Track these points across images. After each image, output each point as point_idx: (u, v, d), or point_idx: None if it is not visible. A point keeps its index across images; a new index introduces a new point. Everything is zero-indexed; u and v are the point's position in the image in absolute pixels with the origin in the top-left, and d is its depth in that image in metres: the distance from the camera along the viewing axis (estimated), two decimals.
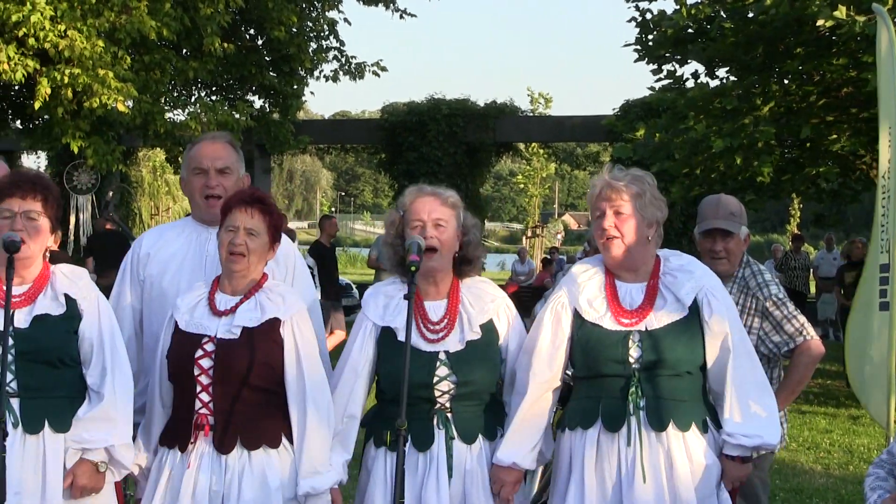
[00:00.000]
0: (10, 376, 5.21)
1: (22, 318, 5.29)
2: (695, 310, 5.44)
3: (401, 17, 26.36)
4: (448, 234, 5.55)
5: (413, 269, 5.15)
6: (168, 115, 22.14)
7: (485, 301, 5.63)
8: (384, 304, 5.56)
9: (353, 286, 31.18)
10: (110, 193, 23.86)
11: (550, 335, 5.57)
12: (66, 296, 5.40)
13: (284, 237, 5.85)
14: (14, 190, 5.30)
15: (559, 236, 69.30)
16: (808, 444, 13.31)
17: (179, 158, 25.77)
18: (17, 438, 5.22)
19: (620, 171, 5.58)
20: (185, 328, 5.43)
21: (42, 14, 18.24)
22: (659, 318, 5.43)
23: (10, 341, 5.20)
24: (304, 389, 5.39)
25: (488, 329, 5.58)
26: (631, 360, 5.40)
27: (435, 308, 5.60)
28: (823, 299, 26.53)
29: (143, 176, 45.99)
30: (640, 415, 5.37)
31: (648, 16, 18.29)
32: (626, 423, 5.39)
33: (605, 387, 5.47)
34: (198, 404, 5.35)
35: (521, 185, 58.98)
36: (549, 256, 35.12)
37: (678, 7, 17.69)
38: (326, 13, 25.79)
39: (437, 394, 5.46)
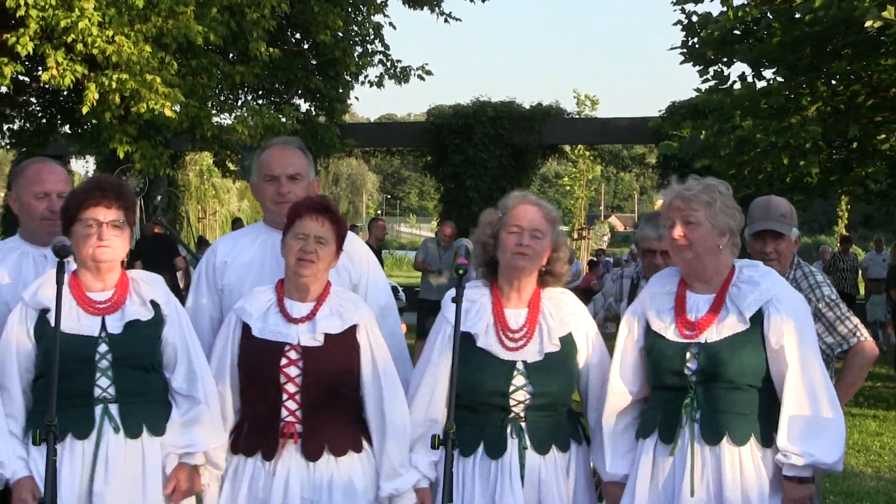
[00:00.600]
0: (106, 382, 5.30)
1: (114, 324, 5.37)
2: (758, 322, 5.37)
3: (445, 20, 26.38)
4: (542, 245, 5.55)
5: (461, 272, 5.17)
6: (215, 119, 22.22)
7: (565, 313, 5.63)
8: (465, 308, 5.48)
9: (400, 289, 31.19)
10: (158, 197, 23.92)
11: (623, 346, 5.59)
12: (152, 301, 5.46)
13: (355, 236, 5.88)
14: (99, 199, 5.34)
15: (605, 238, 69.15)
16: (859, 447, 13.21)
17: (227, 162, 25.93)
18: (119, 444, 5.29)
19: (694, 181, 5.56)
20: (261, 335, 5.46)
21: (90, 20, 18.33)
22: (719, 331, 5.38)
23: (105, 347, 5.30)
24: (381, 393, 5.46)
25: (567, 342, 5.59)
26: (688, 372, 5.38)
27: (515, 316, 5.60)
28: (873, 301, 26.30)
29: (190, 180, 46.23)
30: (694, 427, 5.34)
31: (694, 18, 18.22)
32: (679, 435, 5.37)
33: (665, 398, 5.47)
34: (284, 412, 5.38)
35: (567, 188, 58.85)
36: (595, 259, 35.05)
37: (724, 9, 17.62)
38: (372, 17, 25.84)
39: (512, 403, 5.47)
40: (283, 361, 5.37)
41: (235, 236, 6.30)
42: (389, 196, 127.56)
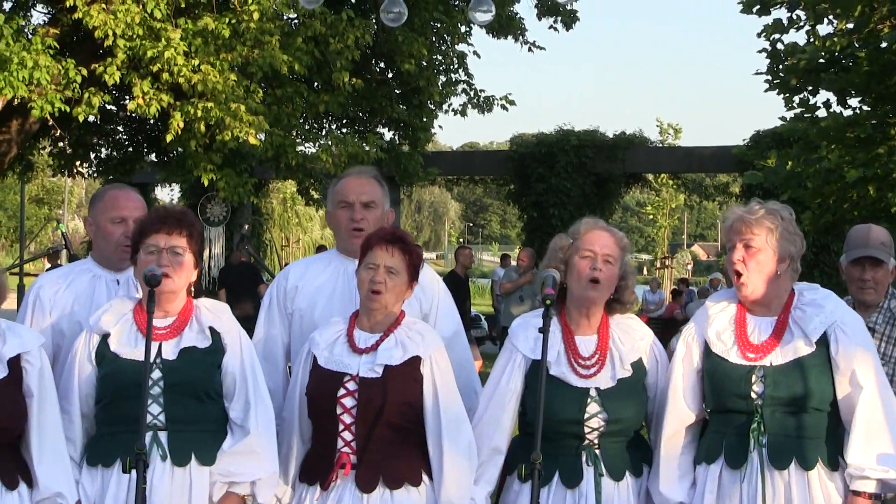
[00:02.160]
0: (157, 409, 5.31)
1: (169, 351, 5.40)
2: (823, 345, 5.33)
3: (529, 49, 26.34)
4: (613, 272, 5.54)
5: (547, 302, 5.15)
6: (299, 147, 22.35)
7: (634, 338, 5.61)
8: (534, 336, 5.49)
9: (482, 317, 31.15)
10: (245, 226, 24.17)
11: (682, 369, 5.54)
12: (212, 329, 5.49)
13: (428, 268, 5.90)
14: (160, 226, 5.41)
15: (688, 267, 68.68)
16: None
17: (311, 190, 26.07)
18: (166, 471, 5.30)
19: (757, 204, 5.53)
20: (325, 365, 5.48)
21: (176, 50, 18.53)
22: (784, 354, 5.35)
23: (158, 373, 5.32)
24: (441, 426, 5.41)
25: (637, 367, 5.56)
26: (754, 395, 5.34)
27: (586, 343, 5.58)
28: None
29: (274, 207, 46.53)
30: (762, 452, 5.29)
31: (780, 46, 18.09)
32: (747, 460, 5.32)
33: (729, 422, 5.42)
34: (340, 442, 5.40)
35: (650, 216, 58.65)
36: (678, 288, 34.82)
37: (811, 39, 17.49)
38: (456, 46, 25.87)
39: (586, 430, 5.45)
40: (341, 392, 5.38)
41: (308, 262, 6.37)
42: (471, 224, 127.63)
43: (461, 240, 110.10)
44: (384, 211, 6.09)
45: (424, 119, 25.45)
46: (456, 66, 25.98)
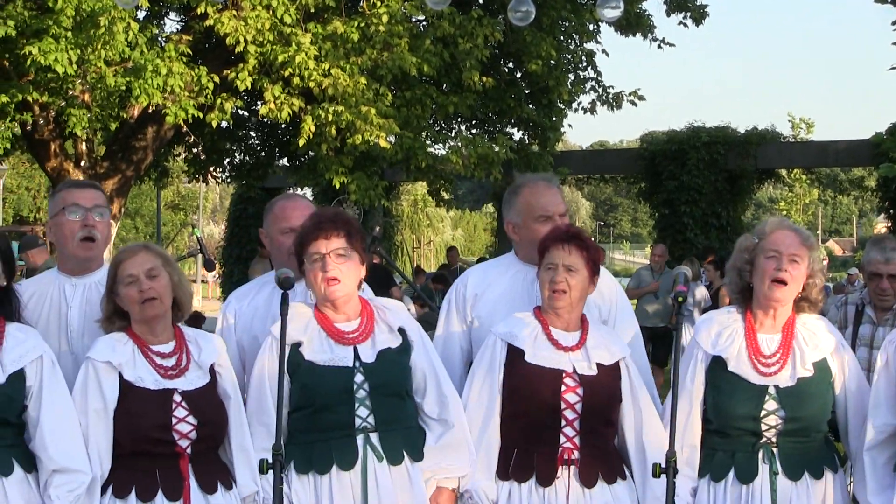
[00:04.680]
0: (365, 411, 5.39)
1: (367, 353, 5.47)
2: None
3: (658, 46, 26.09)
4: (800, 271, 5.48)
5: (680, 299, 5.11)
6: (429, 149, 22.39)
7: (819, 338, 5.55)
8: (717, 332, 5.54)
9: None
10: (377, 228, 24.21)
11: (885, 376, 5.44)
12: (401, 329, 5.55)
13: (606, 272, 5.90)
14: (317, 232, 5.44)
15: (824, 263, 67.71)
16: None
17: (441, 191, 26.11)
18: (384, 471, 5.37)
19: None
20: (536, 361, 5.50)
21: (307, 54, 18.68)
22: None
23: (361, 377, 5.39)
24: (642, 424, 5.54)
25: (821, 367, 5.50)
26: None
27: (768, 341, 5.54)
28: None
29: (404, 209, 46.76)
30: None
31: None
32: None
33: None
34: (562, 439, 5.44)
35: (783, 212, 57.85)
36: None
37: None
38: (584, 44, 25.73)
39: (763, 427, 5.43)
40: (563, 388, 5.44)
41: (485, 267, 6.40)
42: (602, 223, 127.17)
43: (592, 239, 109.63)
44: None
45: (554, 118, 25.34)
46: (584, 65, 25.83)
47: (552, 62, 23.36)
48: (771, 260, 5.46)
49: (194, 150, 24.77)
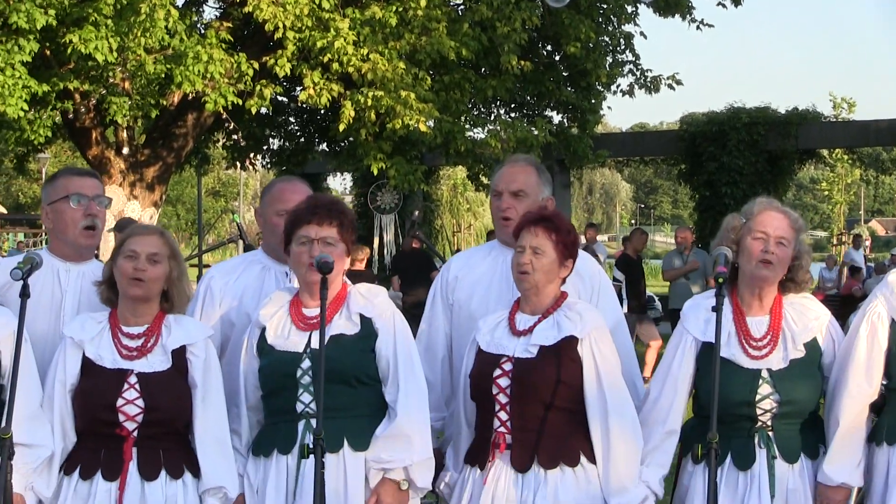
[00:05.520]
0: (309, 397, 5.35)
1: (318, 340, 5.42)
2: None
3: (697, 27, 26.00)
4: (786, 252, 5.43)
5: (720, 280, 5.09)
6: (468, 133, 22.41)
7: (808, 318, 5.49)
8: (705, 318, 5.46)
9: (656, 298, 30.85)
10: (416, 213, 24.25)
11: (867, 348, 5.40)
12: (361, 315, 5.48)
13: (589, 258, 5.87)
14: (311, 217, 5.43)
15: (867, 244, 67.35)
16: None
17: (481, 176, 26.15)
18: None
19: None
20: (486, 348, 5.49)
21: (345, 39, 18.74)
22: None
23: (308, 363, 5.37)
24: (606, 407, 5.35)
25: (812, 347, 5.44)
26: None
27: (757, 324, 5.48)
28: None
29: (444, 194, 46.72)
30: None
31: None
32: None
33: None
34: (496, 423, 5.39)
35: (825, 192, 57.61)
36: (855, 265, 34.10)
37: None
38: (622, 27, 25.68)
39: (758, 412, 5.36)
40: (497, 372, 5.39)
41: (470, 252, 6.44)
42: (643, 206, 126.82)
43: (632, 221, 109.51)
44: (539, 199, 6.00)
45: (593, 101, 25.32)
46: (623, 48, 25.78)
47: (590, 45, 23.32)
48: (758, 241, 5.40)
49: (234, 136, 24.87)
